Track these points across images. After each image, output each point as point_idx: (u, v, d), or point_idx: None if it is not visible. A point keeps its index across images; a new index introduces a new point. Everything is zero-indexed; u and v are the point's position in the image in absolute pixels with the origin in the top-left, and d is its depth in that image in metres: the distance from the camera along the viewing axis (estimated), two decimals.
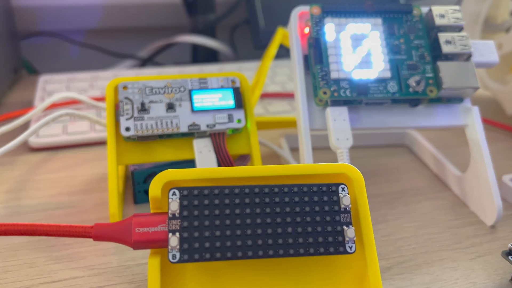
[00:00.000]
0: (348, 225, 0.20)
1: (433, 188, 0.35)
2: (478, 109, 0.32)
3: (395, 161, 0.39)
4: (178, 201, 0.19)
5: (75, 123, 0.42)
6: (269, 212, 0.19)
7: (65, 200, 0.33)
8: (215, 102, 0.31)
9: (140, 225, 0.19)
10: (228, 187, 0.19)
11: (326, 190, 0.20)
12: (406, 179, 0.36)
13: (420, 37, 0.32)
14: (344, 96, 0.30)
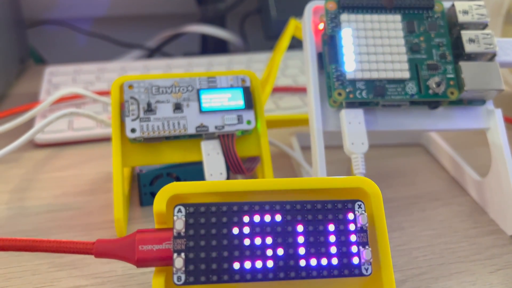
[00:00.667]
0: (365, 246, 0.18)
1: (450, 193, 0.34)
2: (501, 112, 0.31)
3: (411, 162, 0.38)
4: (183, 219, 0.18)
5: (81, 119, 0.41)
6: (280, 232, 0.18)
7: (70, 201, 0.32)
8: (224, 102, 0.30)
9: (143, 242, 0.18)
10: (237, 203, 0.18)
11: (341, 208, 0.19)
12: (422, 182, 0.35)
13: (442, 35, 0.30)
14: (360, 97, 0.28)
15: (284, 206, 0.18)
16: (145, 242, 0.18)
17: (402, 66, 0.29)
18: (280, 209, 0.18)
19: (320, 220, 0.18)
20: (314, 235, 0.18)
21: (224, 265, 0.17)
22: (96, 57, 0.64)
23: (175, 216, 0.18)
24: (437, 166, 0.37)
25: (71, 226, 0.29)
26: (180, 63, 0.53)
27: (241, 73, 0.31)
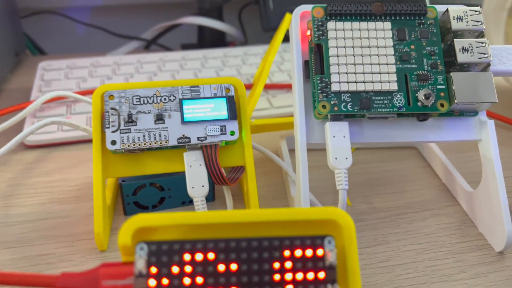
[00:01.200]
0: (333, 283, 0.18)
1: (440, 202, 0.33)
2: (493, 124, 0.30)
3: (403, 167, 0.37)
4: (145, 257, 0.17)
5: (71, 119, 0.41)
6: (246, 270, 0.17)
7: (55, 209, 0.32)
8: (207, 113, 0.29)
9: (107, 277, 0.18)
10: (201, 241, 0.18)
11: (310, 244, 0.18)
12: (413, 190, 0.34)
13: (434, 43, 0.29)
14: (345, 110, 0.28)
15: (251, 244, 0.18)
16: (109, 277, 0.18)
17: (390, 77, 0.28)
18: (246, 246, 0.18)
19: (288, 257, 0.18)
20: (281, 272, 0.18)
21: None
22: (93, 47, 0.64)
23: (137, 254, 0.17)
24: (429, 171, 0.36)
25: (54, 237, 0.29)
26: (175, 57, 0.52)
27: (225, 81, 0.30)
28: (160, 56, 0.52)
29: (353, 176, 0.36)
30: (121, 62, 0.50)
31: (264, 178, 0.35)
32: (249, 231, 0.19)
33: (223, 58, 0.52)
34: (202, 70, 0.49)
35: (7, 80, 0.51)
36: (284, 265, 0.18)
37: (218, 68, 0.50)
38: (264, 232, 0.19)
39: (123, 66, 0.49)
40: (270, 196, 0.34)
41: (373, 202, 0.33)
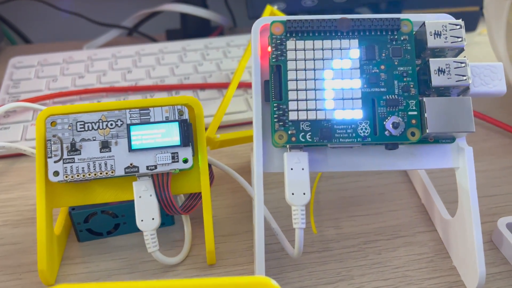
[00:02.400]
0: None
1: (416, 227, 0.31)
2: (471, 151, 0.27)
3: (381, 183, 0.34)
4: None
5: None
6: None
7: (9, 233, 0.30)
8: (157, 139, 0.27)
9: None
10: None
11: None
12: (388, 211, 0.32)
13: (407, 63, 0.26)
14: (303, 141, 0.25)
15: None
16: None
17: (354, 104, 0.25)
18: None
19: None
20: None
21: None
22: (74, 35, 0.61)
23: None
24: (409, 188, 0.34)
25: (3, 267, 0.28)
26: (152, 50, 0.49)
27: (180, 101, 0.28)
28: (137, 49, 0.49)
29: (326, 193, 0.34)
30: (96, 57, 0.48)
31: (232, 196, 0.33)
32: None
33: (204, 51, 0.49)
34: (180, 65, 0.47)
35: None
36: None
37: (197, 63, 0.47)
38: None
39: (96, 62, 0.47)
40: (235, 218, 0.32)
41: (343, 226, 0.31)
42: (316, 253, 0.29)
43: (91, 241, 0.30)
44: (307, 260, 0.28)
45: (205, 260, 0.28)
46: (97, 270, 0.28)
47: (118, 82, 0.44)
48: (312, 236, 0.30)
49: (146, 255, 0.29)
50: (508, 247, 0.28)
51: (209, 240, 0.27)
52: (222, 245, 0.30)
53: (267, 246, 0.29)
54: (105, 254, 0.29)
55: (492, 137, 0.40)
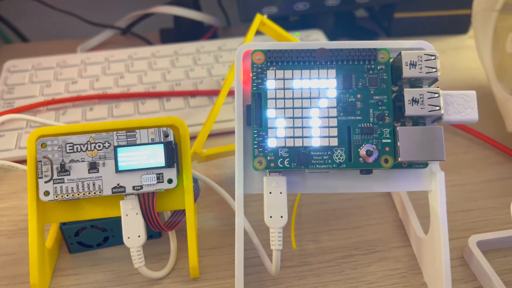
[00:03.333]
0: None
1: (392, 242, 0.32)
2: (443, 176, 0.28)
3: (362, 196, 0.36)
4: None
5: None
6: None
7: (3, 243, 0.32)
8: (143, 161, 0.28)
9: None
10: None
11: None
12: (366, 225, 0.33)
13: (383, 92, 0.27)
14: (281, 166, 0.26)
15: None
16: None
17: (330, 132, 0.26)
18: None
19: None
20: None
21: None
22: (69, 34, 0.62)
23: None
24: (388, 202, 0.35)
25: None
26: (144, 54, 0.50)
27: (166, 122, 0.29)
28: (129, 53, 0.50)
29: (308, 206, 0.35)
30: (89, 61, 0.49)
31: (217, 208, 0.35)
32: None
33: (196, 55, 0.50)
34: (171, 71, 0.48)
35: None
36: None
37: (189, 68, 0.48)
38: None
39: (90, 67, 0.48)
40: (220, 231, 0.33)
41: (322, 240, 0.32)
42: (295, 267, 0.30)
43: (82, 252, 0.31)
44: (286, 274, 0.30)
45: (189, 274, 0.30)
46: (86, 282, 0.30)
47: (110, 88, 0.45)
48: (292, 250, 0.31)
49: (133, 267, 0.30)
50: (477, 265, 0.30)
51: (193, 256, 0.29)
52: (206, 258, 0.31)
53: (249, 260, 0.31)
54: (95, 266, 0.31)
55: (473, 149, 0.41)
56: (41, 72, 0.47)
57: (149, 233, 0.32)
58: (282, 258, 0.31)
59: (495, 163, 0.40)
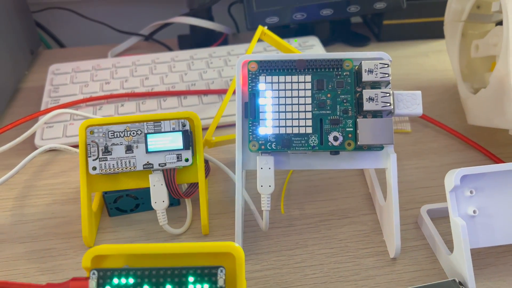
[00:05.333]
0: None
1: (361, 210, 0.41)
2: (395, 157, 0.36)
3: (340, 175, 0.44)
4: (95, 280, 0.26)
5: (74, 125, 0.49)
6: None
7: (58, 209, 0.41)
8: (166, 144, 0.37)
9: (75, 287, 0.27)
10: (132, 269, 0.26)
11: (207, 272, 0.27)
12: (341, 198, 0.42)
13: (347, 92, 0.35)
14: (270, 149, 0.35)
15: (167, 271, 0.27)
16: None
17: (307, 122, 0.35)
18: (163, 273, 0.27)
19: (193, 281, 0.27)
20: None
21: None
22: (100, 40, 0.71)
23: (90, 277, 0.26)
24: (361, 180, 0.44)
25: (56, 234, 0.39)
26: (165, 59, 0.59)
27: (184, 115, 0.38)
28: (152, 58, 0.59)
29: (296, 183, 0.44)
30: (119, 65, 0.58)
31: (223, 184, 0.44)
32: (168, 261, 0.28)
33: (208, 59, 0.59)
34: (188, 73, 0.57)
35: (25, 78, 0.60)
36: (190, 286, 0.26)
37: (202, 71, 0.57)
38: (180, 261, 0.28)
39: (120, 69, 0.57)
40: (226, 201, 0.42)
41: (305, 208, 0.41)
42: (282, 228, 0.39)
43: (119, 216, 0.41)
44: (275, 233, 0.39)
45: (201, 231, 0.39)
46: (122, 237, 0.39)
47: (137, 87, 0.54)
48: (281, 215, 0.40)
49: (158, 227, 0.39)
50: (426, 227, 0.38)
51: (204, 216, 0.38)
52: (214, 221, 0.40)
53: (247, 222, 0.39)
54: (128, 226, 0.40)
55: (439, 139, 0.49)
56: (80, 74, 0.56)
57: (170, 201, 0.40)
58: (272, 221, 0.39)
59: (456, 150, 0.47)
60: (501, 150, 0.47)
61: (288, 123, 0.35)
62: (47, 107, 0.52)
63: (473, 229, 0.34)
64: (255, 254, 0.37)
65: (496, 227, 0.34)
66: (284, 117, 0.35)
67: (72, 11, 0.69)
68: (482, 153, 0.47)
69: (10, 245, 0.38)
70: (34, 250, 0.38)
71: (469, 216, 0.34)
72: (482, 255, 0.37)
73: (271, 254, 0.37)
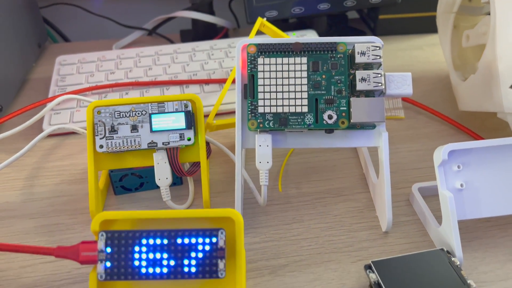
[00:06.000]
0: (222, 259, 0.28)
1: (355, 189, 0.42)
2: (387, 135, 0.38)
3: (336, 158, 0.46)
4: (103, 241, 0.28)
5: (80, 111, 0.51)
6: (167, 250, 0.28)
7: (66, 188, 0.43)
8: (170, 124, 0.39)
9: (84, 250, 0.29)
10: (138, 231, 0.28)
11: (209, 234, 0.29)
12: (337, 178, 0.44)
13: (341, 73, 0.37)
14: (268, 127, 0.37)
15: (171, 233, 0.28)
16: (85, 250, 0.29)
17: (302, 102, 0.37)
18: (167, 235, 0.28)
19: (195, 243, 0.28)
20: (190, 251, 0.28)
21: (128, 269, 0.28)
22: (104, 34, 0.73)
23: (99, 239, 0.28)
24: (356, 162, 0.46)
25: (64, 211, 0.41)
26: (168, 50, 0.61)
27: (186, 97, 0.40)
28: (156, 50, 0.61)
29: (294, 165, 0.45)
30: (123, 56, 0.60)
31: (224, 166, 0.46)
32: (172, 225, 0.30)
33: (209, 51, 0.61)
34: (190, 64, 0.59)
35: (32, 70, 0.62)
36: (192, 246, 0.28)
37: (204, 62, 0.59)
38: (183, 225, 0.30)
39: (124, 60, 0.59)
40: (225, 181, 0.44)
41: (302, 187, 0.43)
42: (280, 205, 0.41)
43: (124, 194, 0.43)
44: (273, 209, 0.40)
45: (203, 207, 0.41)
46: None
47: (141, 77, 0.56)
48: (279, 194, 0.42)
49: (162, 204, 0.41)
50: (417, 204, 0.40)
51: (205, 193, 0.40)
52: (216, 199, 0.42)
53: (246, 200, 0.41)
54: (133, 203, 0.42)
55: (431, 125, 0.51)
56: (86, 65, 0.58)
57: (173, 181, 0.42)
58: (270, 199, 0.41)
59: (447, 135, 0.49)
60: (491, 135, 0.48)
61: (285, 103, 0.37)
62: (54, 95, 0.54)
63: (460, 201, 0.36)
64: (254, 228, 0.39)
65: (482, 200, 0.36)
66: (282, 97, 0.37)
67: (78, 7, 0.71)
68: (472, 137, 0.48)
69: (21, 221, 0.40)
70: (43, 225, 0.39)
71: (457, 190, 0.36)
72: (470, 229, 0.38)
73: (269, 228, 0.39)
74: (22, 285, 0.34)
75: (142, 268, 0.28)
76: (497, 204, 0.36)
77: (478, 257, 0.36)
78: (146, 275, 0.28)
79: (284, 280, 0.35)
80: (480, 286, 0.34)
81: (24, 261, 0.36)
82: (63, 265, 0.36)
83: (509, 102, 0.40)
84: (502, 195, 0.36)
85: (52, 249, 0.30)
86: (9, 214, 0.41)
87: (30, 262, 0.36)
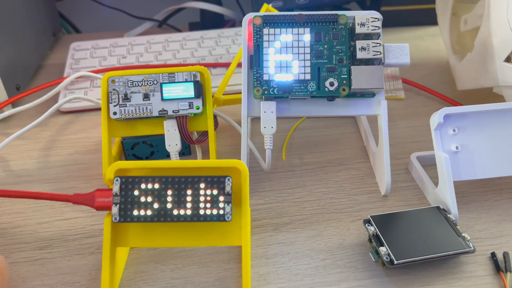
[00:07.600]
0: (228, 203, 0.30)
1: (355, 159, 0.44)
2: (386, 103, 0.40)
3: (338, 132, 0.48)
4: (118, 185, 0.30)
5: (93, 91, 0.54)
6: (177, 194, 0.30)
7: (79, 158, 0.45)
8: (179, 93, 0.41)
9: (100, 196, 0.31)
10: (151, 177, 0.30)
11: (217, 180, 0.30)
12: (338, 150, 0.46)
13: (342, 43, 0.39)
14: (272, 94, 0.39)
15: (181, 179, 0.30)
16: (100, 196, 0.31)
17: (305, 70, 0.39)
18: (178, 180, 0.30)
19: (204, 187, 0.30)
20: (199, 196, 0.30)
21: (141, 212, 0.30)
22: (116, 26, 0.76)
23: (114, 183, 0.30)
24: (357, 136, 0.48)
25: (78, 177, 0.43)
26: (177, 38, 0.63)
27: (194, 69, 0.42)
28: (165, 37, 0.64)
29: (298, 139, 0.47)
30: (134, 43, 0.62)
31: (229, 139, 0.48)
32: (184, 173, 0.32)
33: (217, 39, 0.63)
34: (198, 50, 0.61)
35: (47, 56, 0.65)
36: (201, 191, 0.30)
37: (211, 48, 0.61)
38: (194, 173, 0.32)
39: (135, 46, 0.62)
40: (232, 152, 0.46)
41: (304, 158, 0.45)
42: (283, 172, 0.43)
43: None
44: (277, 176, 0.42)
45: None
46: None
47: (151, 61, 0.59)
48: (282, 162, 0.44)
49: None
50: (415, 171, 0.42)
51: (213, 157, 0.42)
52: None
53: (251, 168, 0.43)
54: None
55: (430, 104, 0.53)
56: (99, 50, 0.61)
57: (182, 151, 0.44)
58: (274, 167, 0.43)
59: None
60: None
61: (289, 71, 0.39)
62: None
63: (455, 163, 0.38)
64: (258, 192, 0.41)
65: (476, 163, 0.38)
66: (286, 65, 0.39)
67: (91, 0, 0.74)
68: None
69: (37, 185, 0.42)
70: (58, 188, 0.42)
71: (452, 152, 0.38)
72: (465, 194, 0.40)
73: (273, 192, 0.41)
74: (40, 238, 0.36)
75: (154, 211, 0.30)
76: (491, 166, 0.38)
77: (474, 218, 0.38)
78: (158, 217, 0.30)
79: (287, 236, 0.36)
80: (475, 242, 0.35)
81: (41, 218, 0.38)
82: (77, 222, 0.38)
83: (504, 75, 0.42)
84: (496, 158, 0.38)
85: (69, 196, 0.32)
86: (27, 179, 0.43)
87: (46, 219, 0.38)
